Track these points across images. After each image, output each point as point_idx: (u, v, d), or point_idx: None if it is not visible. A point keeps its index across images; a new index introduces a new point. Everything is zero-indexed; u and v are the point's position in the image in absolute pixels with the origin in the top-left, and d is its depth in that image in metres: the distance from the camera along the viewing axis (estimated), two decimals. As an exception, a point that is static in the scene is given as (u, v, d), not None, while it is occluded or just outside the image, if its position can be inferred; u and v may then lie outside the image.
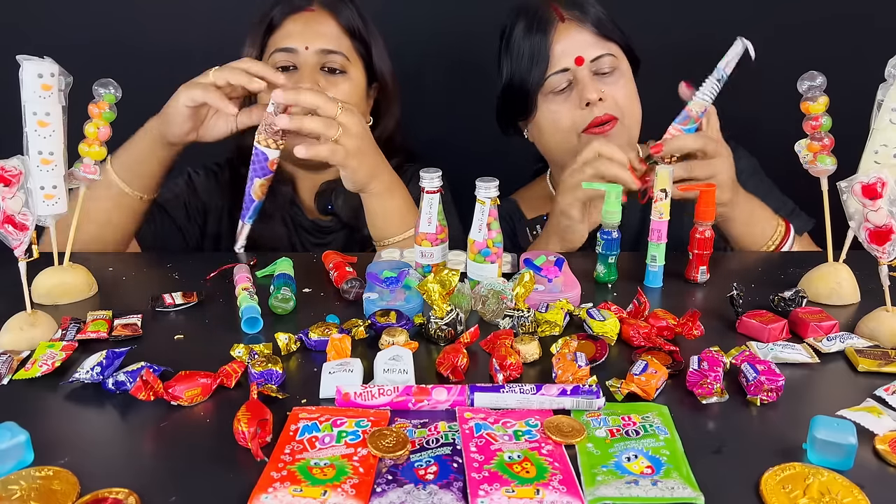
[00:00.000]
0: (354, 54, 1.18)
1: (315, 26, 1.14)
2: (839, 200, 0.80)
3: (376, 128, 1.27)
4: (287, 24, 1.15)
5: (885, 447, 0.59)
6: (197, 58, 1.05)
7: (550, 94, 1.15)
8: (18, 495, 0.53)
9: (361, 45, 1.19)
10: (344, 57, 1.15)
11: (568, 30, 1.13)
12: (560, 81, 1.13)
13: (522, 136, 1.25)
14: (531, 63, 1.13)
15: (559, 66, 1.12)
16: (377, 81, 1.23)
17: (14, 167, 0.73)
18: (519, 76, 1.15)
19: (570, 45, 1.12)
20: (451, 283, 0.78)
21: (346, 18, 1.16)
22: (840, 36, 1.46)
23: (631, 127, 1.16)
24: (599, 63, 1.13)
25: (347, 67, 1.16)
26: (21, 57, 0.83)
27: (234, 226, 1.20)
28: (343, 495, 0.53)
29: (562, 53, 1.12)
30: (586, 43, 1.13)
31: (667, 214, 0.93)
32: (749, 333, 0.80)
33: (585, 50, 1.12)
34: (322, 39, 1.14)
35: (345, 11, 1.16)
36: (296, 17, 1.15)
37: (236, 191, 1.25)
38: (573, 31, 1.13)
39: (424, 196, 0.89)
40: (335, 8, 1.16)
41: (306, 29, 1.14)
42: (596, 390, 0.65)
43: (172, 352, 0.77)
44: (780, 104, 0.97)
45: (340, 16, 1.16)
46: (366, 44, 1.19)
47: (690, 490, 0.53)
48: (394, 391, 0.65)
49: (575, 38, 1.13)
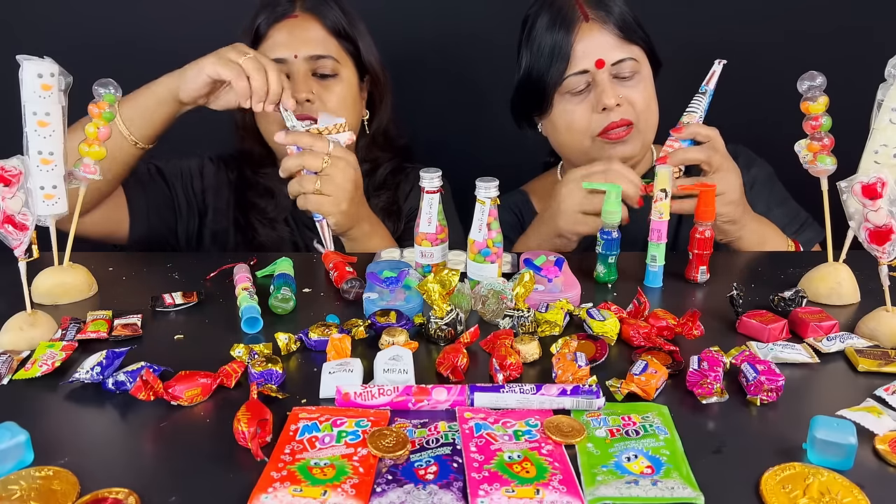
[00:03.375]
0: (343, 54, 1.18)
1: (301, 33, 1.14)
2: (839, 200, 0.80)
3: (373, 120, 1.27)
4: (273, 33, 1.15)
5: (885, 447, 0.59)
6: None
7: (567, 94, 1.13)
8: (18, 495, 0.53)
9: (349, 43, 1.18)
10: (334, 59, 1.15)
11: (591, 30, 1.10)
12: (578, 83, 1.11)
13: (536, 129, 1.24)
14: (551, 60, 1.11)
15: (579, 67, 1.10)
16: (368, 74, 1.23)
17: (14, 167, 0.73)
18: (537, 71, 1.14)
19: (592, 47, 1.10)
20: (451, 283, 0.78)
21: (330, 20, 1.16)
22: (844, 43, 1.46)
23: (646, 132, 1.15)
24: (620, 67, 1.10)
25: (338, 69, 1.16)
26: (21, 57, 0.83)
27: (236, 224, 1.20)
28: (343, 495, 0.53)
29: (583, 54, 1.10)
30: (608, 45, 1.10)
31: (667, 214, 0.93)
32: (749, 333, 0.80)
33: (607, 52, 1.10)
34: (310, 45, 1.13)
35: (329, 13, 1.16)
36: (280, 25, 1.15)
37: (240, 192, 1.25)
38: (596, 32, 1.10)
39: (424, 196, 0.89)
40: (319, 11, 1.16)
41: (292, 37, 1.14)
42: (596, 390, 0.65)
43: (172, 352, 0.77)
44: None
45: (325, 18, 1.15)
46: (353, 41, 1.19)
47: (690, 490, 0.53)
48: (394, 391, 0.65)
49: (597, 39, 1.10)
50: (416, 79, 1.50)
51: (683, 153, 1.02)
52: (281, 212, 1.24)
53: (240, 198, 1.25)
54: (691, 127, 1.05)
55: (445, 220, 0.91)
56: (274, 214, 1.23)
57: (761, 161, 1.22)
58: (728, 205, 1.01)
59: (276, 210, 1.23)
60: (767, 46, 1.45)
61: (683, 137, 1.05)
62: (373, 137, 1.27)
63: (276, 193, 1.23)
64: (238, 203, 1.25)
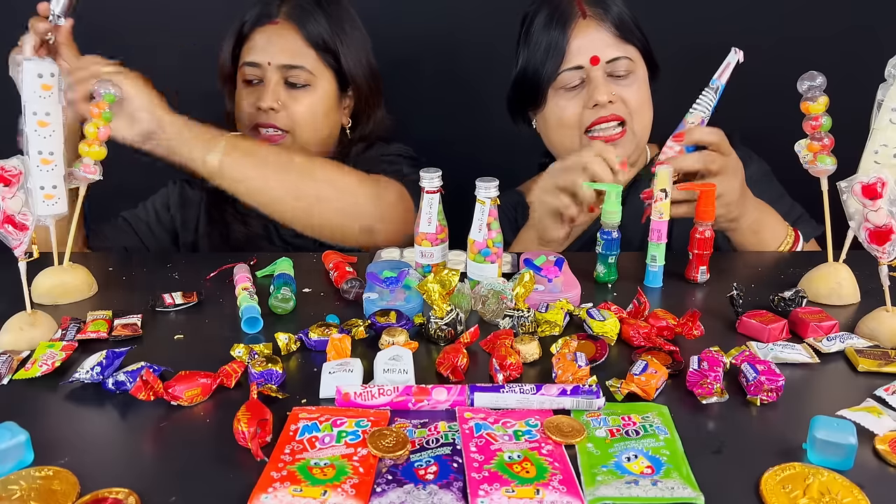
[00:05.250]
0: (320, 65, 1.17)
1: (278, 41, 1.14)
2: (839, 200, 0.80)
3: (355, 129, 1.26)
4: (255, 36, 1.16)
5: (885, 447, 0.59)
6: (196, 57, 1.05)
7: (561, 90, 1.14)
8: (18, 495, 0.53)
9: (329, 55, 1.17)
10: (307, 71, 1.15)
11: (588, 27, 1.11)
12: (572, 78, 1.12)
13: (531, 126, 1.24)
14: (546, 56, 1.12)
15: (573, 63, 1.11)
16: (351, 86, 1.22)
17: (14, 167, 0.74)
18: (533, 67, 1.14)
19: (588, 43, 1.11)
20: (451, 283, 0.78)
21: (310, 31, 1.15)
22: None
23: (639, 132, 1.15)
24: (615, 65, 1.11)
25: (312, 81, 1.16)
26: (21, 57, 0.83)
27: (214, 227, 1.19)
28: (343, 495, 0.53)
29: (578, 50, 1.11)
30: (604, 43, 1.11)
31: (667, 214, 0.93)
32: (749, 333, 0.80)
33: (602, 50, 1.11)
34: (284, 55, 1.14)
35: (310, 24, 1.15)
36: (262, 29, 1.15)
37: (212, 193, 1.21)
38: (592, 30, 1.11)
39: (424, 196, 0.89)
40: (300, 20, 1.15)
41: (269, 44, 1.14)
42: (596, 390, 0.65)
43: (172, 352, 0.77)
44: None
45: (304, 29, 1.15)
46: (334, 53, 1.17)
47: (690, 490, 0.53)
48: (394, 391, 0.65)
49: (593, 36, 1.11)
50: (413, 79, 1.50)
51: (681, 161, 0.99)
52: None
53: (212, 198, 1.25)
54: (693, 133, 1.01)
55: (445, 220, 0.91)
56: (247, 210, 1.21)
57: (758, 159, 1.22)
58: (727, 205, 1.00)
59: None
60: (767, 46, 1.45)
61: (685, 144, 1.02)
62: (351, 142, 1.26)
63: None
64: (212, 203, 1.25)
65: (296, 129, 1.17)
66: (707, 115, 1.04)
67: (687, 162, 0.99)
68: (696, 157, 0.99)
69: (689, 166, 0.99)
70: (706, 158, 0.99)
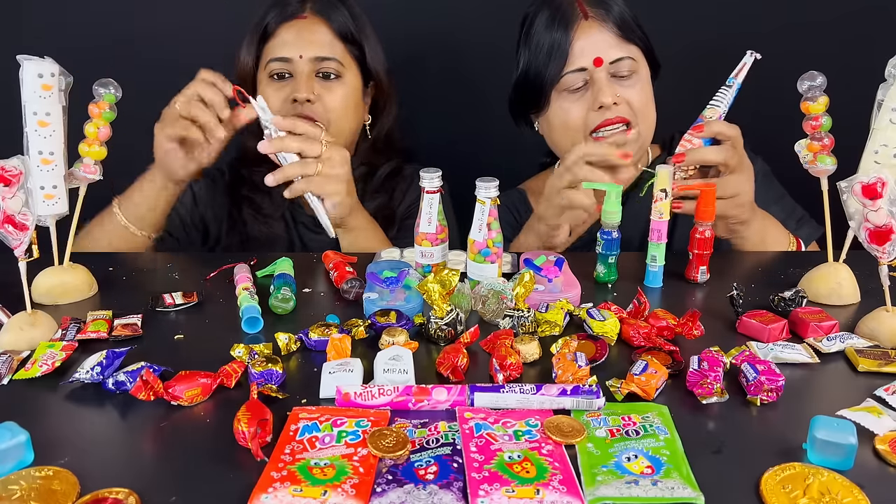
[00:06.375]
0: (348, 57, 1.19)
1: (308, 34, 1.16)
2: (839, 200, 0.80)
3: (374, 126, 1.28)
4: (281, 32, 1.17)
5: (885, 447, 0.59)
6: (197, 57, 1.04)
7: (565, 92, 1.13)
8: (18, 495, 0.53)
9: (355, 47, 1.20)
10: (338, 62, 1.17)
11: (590, 28, 1.11)
12: (576, 80, 1.11)
13: (533, 128, 1.24)
14: (549, 58, 1.11)
15: (577, 65, 1.10)
16: (373, 80, 1.24)
17: (14, 167, 0.74)
18: (535, 69, 1.14)
19: (591, 45, 1.10)
20: (451, 283, 0.78)
21: (338, 24, 1.18)
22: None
23: (643, 132, 1.14)
24: (618, 66, 1.10)
25: (342, 72, 1.18)
26: (21, 57, 0.83)
27: (234, 227, 1.20)
28: (343, 495, 0.53)
29: (581, 52, 1.10)
30: (607, 44, 1.10)
31: (667, 214, 0.93)
32: (749, 333, 0.80)
33: (605, 51, 1.10)
34: (315, 47, 1.15)
35: (337, 17, 1.18)
36: (289, 24, 1.17)
37: (237, 194, 1.25)
38: (595, 31, 1.10)
39: (424, 196, 0.89)
40: (327, 14, 1.18)
41: (299, 37, 1.16)
42: (596, 390, 0.65)
43: (172, 352, 0.77)
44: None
45: (333, 22, 1.17)
46: (359, 46, 1.20)
47: (690, 490, 0.53)
48: (394, 391, 0.65)
49: (596, 37, 1.10)
50: (417, 78, 1.50)
51: (701, 153, 0.99)
52: (276, 209, 1.24)
53: (234, 194, 1.26)
54: (713, 125, 1.01)
55: (445, 219, 0.91)
56: (269, 211, 1.24)
57: (758, 159, 1.22)
58: (740, 206, 1.00)
59: (271, 206, 1.24)
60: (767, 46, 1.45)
61: (704, 136, 1.01)
62: (373, 142, 1.28)
63: (271, 189, 1.23)
64: (232, 199, 1.26)
65: (331, 120, 1.17)
66: (724, 111, 1.04)
67: (710, 154, 0.99)
68: (717, 150, 0.99)
69: (712, 158, 0.99)
70: (727, 153, 0.99)
